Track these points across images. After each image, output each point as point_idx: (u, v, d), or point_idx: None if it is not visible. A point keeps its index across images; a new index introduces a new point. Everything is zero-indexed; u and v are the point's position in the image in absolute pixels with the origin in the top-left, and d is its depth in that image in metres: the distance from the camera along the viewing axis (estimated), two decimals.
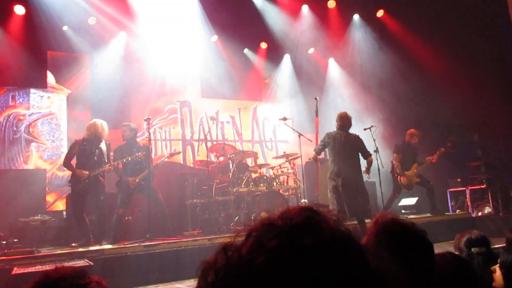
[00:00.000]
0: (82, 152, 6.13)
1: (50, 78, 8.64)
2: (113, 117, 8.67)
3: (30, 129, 8.29)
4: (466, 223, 7.03)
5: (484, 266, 2.21)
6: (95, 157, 6.15)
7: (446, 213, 8.17)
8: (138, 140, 7.33)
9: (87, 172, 5.97)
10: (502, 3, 8.25)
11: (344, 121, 6.33)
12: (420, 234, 1.37)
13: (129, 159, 6.24)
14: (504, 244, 2.57)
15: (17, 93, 8.33)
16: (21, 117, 8.26)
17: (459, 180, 8.69)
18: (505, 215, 7.25)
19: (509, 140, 8.35)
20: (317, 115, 8.04)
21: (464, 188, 8.34)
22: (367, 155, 6.37)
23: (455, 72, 8.72)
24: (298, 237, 0.55)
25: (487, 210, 7.74)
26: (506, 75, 8.42)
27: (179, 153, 8.27)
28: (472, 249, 2.28)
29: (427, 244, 1.36)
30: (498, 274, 2.00)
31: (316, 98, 7.95)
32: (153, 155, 8.41)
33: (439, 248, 1.81)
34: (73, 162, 6.24)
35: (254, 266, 0.54)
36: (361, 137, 7.72)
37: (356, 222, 5.85)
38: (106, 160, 6.30)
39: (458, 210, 8.33)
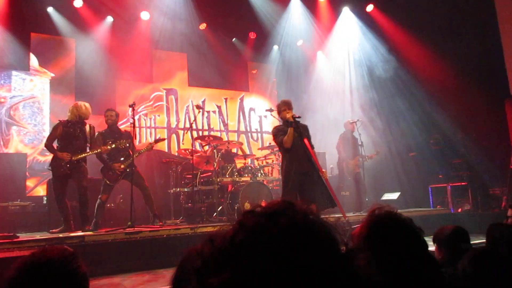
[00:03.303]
0: (65, 135, 5.91)
1: (33, 60, 8.45)
2: (97, 102, 8.53)
3: (11, 112, 8.11)
4: (445, 219, 7.14)
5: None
6: (78, 141, 5.96)
7: (427, 208, 8.31)
8: (121, 126, 7.24)
9: (69, 155, 5.78)
10: (489, 3, 8.34)
11: (292, 106, 5.52)
12: (415, 231, 1.32)
13: (113, 146, 6.10)
14: (483, 240, 2.61)
15: None
16: (2, 100, 8.06)
17: (441, 176, 8.83)
18: (484, 212, 7.40)
19: (491, 139, 8.49)
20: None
21: (446, 185, 8.48)
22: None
23: (441, 70, 8.81)
24: (275, 218, 0.62)
25: (467, 207, 7.89)
26: (490, 76, 8.54)
27: (163, 139, 8.21)
28: (462, 245, 2.28)
29: (421, 242, 1.30)
30: None
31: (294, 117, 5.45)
32: (137, 142, 8.33)
33: None
34: (55, 145, 6.02)
35: (235, 244, 0.60)
36: (353, 125, 7.80)
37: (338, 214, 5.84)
38: (89, 144, 6.12)
39: (438, 206, 8.47)
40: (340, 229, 0.67)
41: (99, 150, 6.06)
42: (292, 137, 5.31)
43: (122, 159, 6.28)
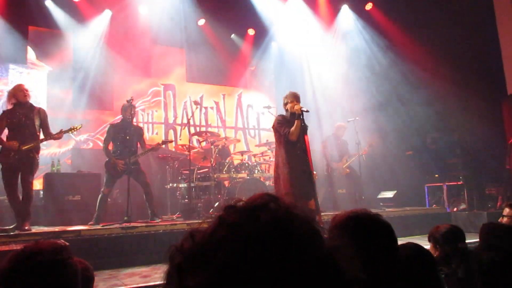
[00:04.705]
0: (11, 125, 5.46)
1: (31, 54, 8.41)
2: (95, 96, 8.53)
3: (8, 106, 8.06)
4: (441, 218, 7.18)
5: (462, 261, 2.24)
6: (27, 129, 5.48)
7: (422, 207, 8.35)
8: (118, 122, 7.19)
9: (17, 144, 5.34)
10: (488, 3, 8.35)
11: (300, 99, 5.23)
12: (388, 225, 1.36)
13: (63, 132, 5.65)
14: (477, 240, 2.62)
15: None
16: None
17: (437, 175, 8.86)
18: (479, 211, 7.44)
19: (487, 139, 8.52)
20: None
21: (442, 184, 8.51)
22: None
23: (439, 69, 8.81)
24: (256, 213, 0.59)
25: (462, 206, 7.92)
26: (487, 76, 8.55)
27: (171, 141, 8.25)
28: (459, 244, 2.29)
29: (383, 226, 1.35)
30: None
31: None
32: None
33: (414, 241, 1.83)
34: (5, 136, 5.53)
35: (215, 241, 0.57)
36: (344, 129, 7.70)
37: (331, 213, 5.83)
38: (40, 130, 5.66)
39: (434, 205, 8.51)
40: (324, 225, 0.65)
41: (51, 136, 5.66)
42: (299, 130, 4.99)
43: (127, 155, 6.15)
